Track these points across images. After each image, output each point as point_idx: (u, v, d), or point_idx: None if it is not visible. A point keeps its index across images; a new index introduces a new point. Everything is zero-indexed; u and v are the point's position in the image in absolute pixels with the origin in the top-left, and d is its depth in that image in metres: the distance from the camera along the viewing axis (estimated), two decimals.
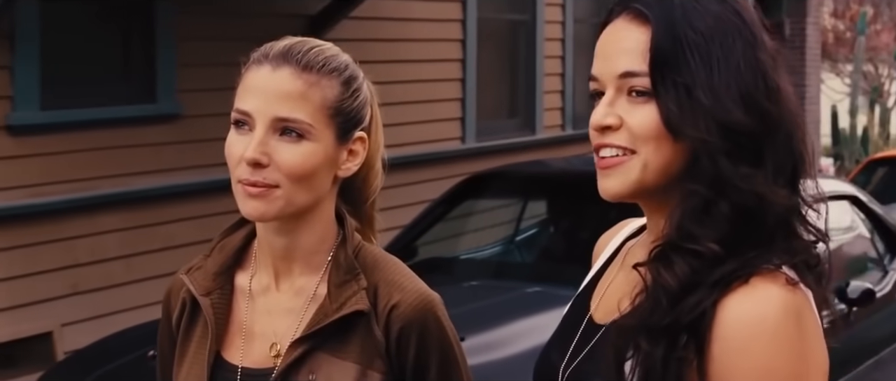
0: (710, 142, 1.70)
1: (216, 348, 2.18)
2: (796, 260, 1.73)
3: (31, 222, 6.69)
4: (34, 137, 6.71)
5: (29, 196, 6.69)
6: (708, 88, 1.70)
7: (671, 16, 1.73)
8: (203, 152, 7.64)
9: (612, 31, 1.79)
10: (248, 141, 2.08)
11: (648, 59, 1.72)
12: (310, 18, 8.36)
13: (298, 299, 2.17)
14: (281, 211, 2.10)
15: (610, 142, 1.75)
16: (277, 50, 2.12)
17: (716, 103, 1.70)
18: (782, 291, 1.67)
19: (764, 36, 1.77)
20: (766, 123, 1.72)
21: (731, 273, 1.68)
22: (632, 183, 1.75)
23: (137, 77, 7.46)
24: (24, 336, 6.73)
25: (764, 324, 1.65)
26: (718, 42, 1.73)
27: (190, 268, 2.26)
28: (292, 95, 2.09)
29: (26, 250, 6.68)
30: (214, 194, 7.74)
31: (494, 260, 6.65)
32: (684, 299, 1.68)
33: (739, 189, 1.70)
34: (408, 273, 2.19)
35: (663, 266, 1.71)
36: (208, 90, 7.65)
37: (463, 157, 9.68)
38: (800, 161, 1.77)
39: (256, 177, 2.07)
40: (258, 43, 2.16)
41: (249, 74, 2.12)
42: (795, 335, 1.66)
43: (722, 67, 1.72)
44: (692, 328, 1.68)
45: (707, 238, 1.70)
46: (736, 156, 1.70)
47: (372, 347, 2.12)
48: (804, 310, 1.69)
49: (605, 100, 1.76)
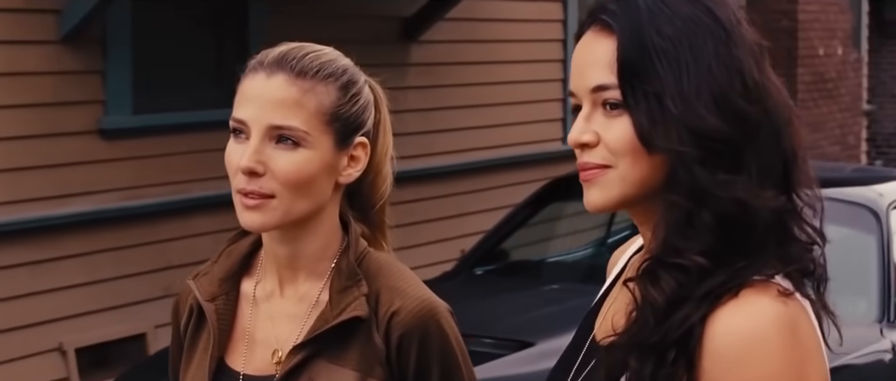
0: (683, 152, 1.62)
1: (219, 354, 2.17)
2: (790, 268, 1.65)
3: (124, 225, 6.77)
4: (127, 141, 6.78)
5: (122, 199, 6.77)
6: (678, 95, 1.63)
7: (637, 23, 1.66)
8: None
9: (582, 45, 1.73)
10: (244, 150, 2.06)
11: (616, 70, 1.66)
12: (404, 20, 8.34)
13: (301, 306, 2.15)
14: (279, 221, 2.07)
15: (587, 160, 1.69)
16: (272, 57, 2.10)
17: (686, 111, 1.63)
18: (774, 303, 1.60)
19: (742, 32, 1.69)
20: (744, 126, 1.64)
21: (720, 286, 1.61)
22: (614, 197, 1.69)
23: (229, 80, 7.46)
24: (118, 338, 6.81)
25: (755, 339, 1.58)
26: (687, 45, 1.65)
27: (197, 274, 2.25)
28: (287, 102, 2.05)
29: (119, 252, 6.75)
30: None
31: (582, 263, 6.57)
32: (672, 315, 1.61)
33: (719, 197, 1.62)
34: (412, 280, 2.14)
35: (650, 282, 1.65)
36: None
37: (564, 158, 9.57)
38: (791, 160, 1.68)
39: (252, 187, 2.05)
40: (352, 46, 2.14)
41: (245, 82, 2.10)
42: (790, 348, 1.59)
43: (692, 72, 1.64)
44: (681, 344, 1.61)
45: (691, 251, 1.63)
46: (712, 163, 1.63)
47: (372, 354, 2.07)
48: (799, 321, 1.62)
49: (581, 115, 1.70)
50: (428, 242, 8.21)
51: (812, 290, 1.67)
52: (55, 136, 6.43)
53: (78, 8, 6.36)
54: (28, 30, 6.35)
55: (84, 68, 6.59)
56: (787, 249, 1.66)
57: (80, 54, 6.55)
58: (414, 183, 8.03)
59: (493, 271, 6.17)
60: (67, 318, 6.36)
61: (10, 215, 6.28)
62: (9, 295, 6.31)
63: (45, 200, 6.44)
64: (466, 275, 6.16)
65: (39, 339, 6.44)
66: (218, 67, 7.53)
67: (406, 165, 8.05)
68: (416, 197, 8.10)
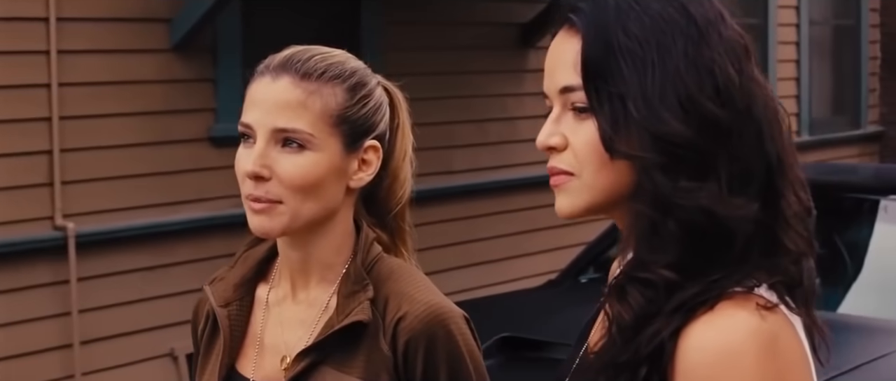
0: (644, 158, 1.52)
1: (231, 360, 2.14)
2: (774, 280, 1.54)
3: (234, 232, 6.76)
4: (237, 149, 6.80)
5: (232, 206, 6.79)
6: (641, 97, 1.53)
7: (603, 22, 1.57)
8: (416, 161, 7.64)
9: (554, 45, 1.64)
10: (251, 154, 2.02)
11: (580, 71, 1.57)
12: (521, 26, 8.26)
13: (311, 311, 2.11)
14: (287, 226, 2.03)
15: (554, 165, 1.61)
16: (278, 60, 2.06)
17: (649, 114, 1.52)
18: (751, 317, 1.49)
19: (721, 29, 1.57)
20: (713, 130, 1.53)
21: (693, 299, 1.51)
22: (580, 205, 1.61)
23: None
24: None
25: (729, 354, 1.47)
26: (655, 45, 1.55)
27: (214, 279, 2.23)
28: (291, 105, 2.01)
29: (230, 259, 6.77)
30: (420, 203, 7.74)
31: None
32: (642, 332, 1.52)
33: (681, 206, 1.51)
34: (423, 285, 2.08)
35: (617, 299, 1.56)
36: (417, 99, 7.62)
37: None
38: (775, 165, 1.57)
39: (259, 192, 2.01)
40: (468, 52, 2.09)
41: (252, 86, 2.07)
42: (766, 364, 1.47)
43: (657, 73, 1.54)
44: (653, 360, 1.51)
45: (658, 264, 1.53)
46: (675, 170, 1.52)
47: (378, 361, 2.02)
48: (780, 337, 1.50)
49: (550, 117, 1.62)
50: (540, 251, 8.14)
51: (799, 303, 1.56)
52: (166, 143, 6.50)
53: (188, 16, 6.42)
54: (140, 39, 6.43)
55: (195, 76, 6.65)
56: (774, 259, 1.56)
57: (190, 62, 6.61)
58: (529, 190, 7.96)
59: (597, 280, 6.07)
60: (178, 324, 6.40)
61: (122, 221, 6.37)
62: (121, 301, 6.39)
63: (156, 207, 6.51)
64: (571, 283, 6.08)
65: (151, 345, 6.51)
66: None
67: (523, 173, 8.03)
68: (530, 205, 8.03)
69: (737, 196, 1.53)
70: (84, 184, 6.27)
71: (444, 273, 7.92)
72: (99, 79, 6.30)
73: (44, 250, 6.13)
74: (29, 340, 6.11)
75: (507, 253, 8.19)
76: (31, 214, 6.10)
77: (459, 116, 7.84)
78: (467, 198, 7.90)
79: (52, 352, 6.21)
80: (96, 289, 6.29)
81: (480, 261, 8.19)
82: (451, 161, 7.83)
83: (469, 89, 7.88)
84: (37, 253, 6.11)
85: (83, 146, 6.24)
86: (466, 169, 7.96)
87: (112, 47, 6.34)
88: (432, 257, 7.85)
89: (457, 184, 7.86)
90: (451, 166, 7.84)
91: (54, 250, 6.15)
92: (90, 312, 6.28)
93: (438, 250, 7.89)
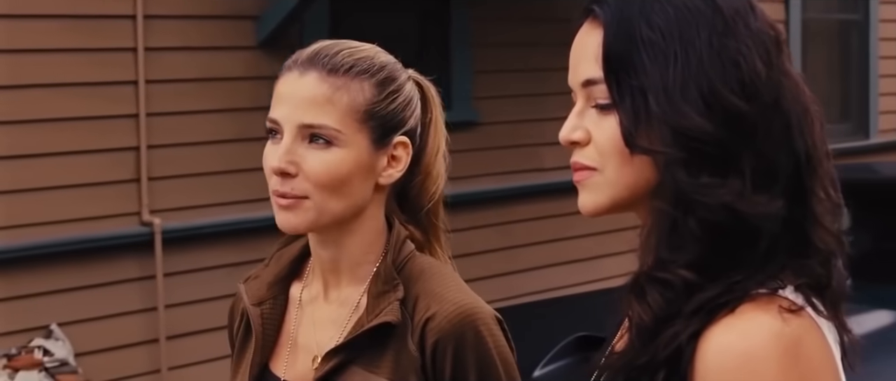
0: (665, 153, 1.46)
1: (264, 359, 2.11)
2: (801, 281, 1.47)
3: None
4: None
5: None
6: (662, 90, 1.47)
7: (627, 13, 1.51)
8: (500, 160, 7.61)
9: (578, 38, 1.59)
10: (276, 151, 2.00)
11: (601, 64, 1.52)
12: None
13: (343, 310, 2.07)
14: (313, 223, 1.99)
15: (577, 160, 1.56)
16: (306, 55, 2.02)
17: (670, 108, 1.47)
18: (773, 320, 1.42)
19: (749, 21, 1.51)
20: (737, 124, 1.47)
21: (713, 300, 1.44)
22: (603, 202, 1.55)
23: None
24: None
25: (749, 359, 1.40)
26: (678, 36, 1.48)
27: (248, 278, 2.20)
28: (317, 100, 1.97)
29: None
30: (512, 201, 7.70)
31: None
32: (661, 334, 1.46)
33: (703, 203, 1.45)
34: (455, 285, 2.02)
35: (636, 299, 1.50)
36: (504, 97, 7.62)
37: None
38: (805, 161, 1.50)
39: (285, 188, 1.98)
40: (554, 49, 2.06)
41: (279, 82, 2.03)
42: (789, 371, 1.40)
43: (679, 66, 1.48)
44: (671, 363, 1.45)
45: (677, 264, 1.47)
46: (697, 166, 1.46)
47: (407, 362, 1.97)
48: (805, 342, 1.43)
49: (574, 111, 1.57)
50: (628, 250, 8.03)
51: (828, 305, 1.48)
52: (251, 140, 6.51)
53: (275, 13, 6.44)
54: (226, 36, 6.46)
55: None
56: (802, 260, 1.49)
57: (277, 59, 6.59)
58: None
59: None
60: None
61: (208, 217, 6.40)
62: (206, 296, 6.42)
63: (242, 203, 6.53)
64: None
65: None
66: (420, 72, 7.50)
67: None
68: None
69: (761, 193, 1.47)
70: (171, 180, 6.32)
71: (536, 271, 7.87)
72: (186, 76, 6.34)
73: (131, 245, 6.19)
74: (116, 335, 6.17)
75: (598, 252, 8.11)
76: (118, 209, 6.16)
77: (550, 113, 7.76)
78: (559, 195, 7.82)
79: (138, 347, 6.27)
80: (182, 285, 6.33)
81: (572, 259, 8.12)
82: (542, 158, 7.77)
83: (559, 86, 7.79)
84: (124, 249, 6.17)
85: (170, 143, 6.29)
86: (558, 167, 7.88)
87: (199, 44, 6.38)
88: (524, 255, 7.81)
89: (548, 181, 7.79)
90: (543, 164, 7.78)
91: (141, 245, 6.21)
92: (176, 307, 6.32)
93: (530, 248, 7.84)
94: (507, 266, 7.75)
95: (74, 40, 5.98)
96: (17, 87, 5.83)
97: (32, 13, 5.86)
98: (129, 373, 6.22)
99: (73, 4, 5.97)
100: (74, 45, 5.98)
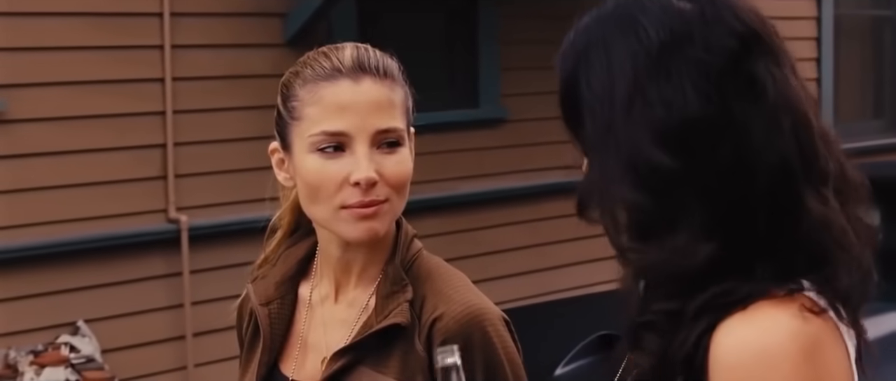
0: (606, 223, 1.50)
1: (272, 359, 2.12)
2: (821, 286, 1.45)
3: None
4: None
5: None
6: (598, 161, 1.51)
7: (574, 72, 1.53)
8: (528, 157, 7.59)
9: None
10: (346, 164, 1.97)
11: None
12: None
13: (352, 311, 2.08)
14: (389, 226, 2.02)
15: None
16: (348, 61, 2.00)
17: (603, 177, 1.50)
18: (792, 318, 1.40)
19: (686, 48, 1.47)
20: (665, 179, 1.45)
21: (718, 298, 1.43)
22: None
23: (461, 82, 7.49)
24: None
25: (766, 355, 1.38)
26: (608, 99, 1.49)
27: (256, 277, 2.20)
28: (383, 104, 1.99)
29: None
30: (539, 198, 7.68)
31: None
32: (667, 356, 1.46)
33: (634, 265, 1.49)
34: (462, 286, 2.03)
35: (634, 348, 1.51)
36: (533, 94, 7.59)
37: None
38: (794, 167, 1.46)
39: (370, 197, 1.97)
40: None
41: (326, 92, 1.99)
42: (806, 371, 1.38)
43: (611, 132, 1.48)
44: (686, 365, 1.45)
45: (652, 306, 1.49)
46: (634, 229, 1.48)
47: (414, 362, 1.97)
48: (824, 344, 1.41)
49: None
50: None
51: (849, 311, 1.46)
52: None
53: (303, 11, 6.44)
54: (254, 33, 6.47)
55: None
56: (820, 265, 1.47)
57: None
58: None
59: None
60: None
61: (234, 214, 6.40)
62: (233, 293, 6.33)
63: (268, 200, 6.52)
64: None
65: None
66: (449, 69, 7.51)
67: None
68: None
69: (702, 238, 1.45)
70: (197, 177, 6.34)
71: (564, 268, 7.85)
72: (213, 73, 6.36)
73: (157, 242, 6.21)
74: (142, 331, 6.19)
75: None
76: (145, 206, 6.19)
77: None
78: None
79: (164, 343, 6.29)
80: (209, 281, 6.35)
81: (600, 257, 8.09)
82: (567, 156, 7.72)
83: None
84: (150, 246, 6.20)
85: (197, 140, 6.31)
86: None
87: (226, 42, 6.39)
88: (552, 252, 7.79)
89: (575, 180, 7.76)
90: (569, 162, 7.74)
91: (168, 242, 6.23)
92: (202, 304, 6.34)
93: (558, 245, 7.82)
94: (535, 263, 7.73)
95: (102, 38, 6.01)
96: (44, 84, 5.86)
97: (59, 11, 5.88)
98: (156, 370, 6.25)
99: (101, 2, 6.00)
100: (102, 42, 6.01)
